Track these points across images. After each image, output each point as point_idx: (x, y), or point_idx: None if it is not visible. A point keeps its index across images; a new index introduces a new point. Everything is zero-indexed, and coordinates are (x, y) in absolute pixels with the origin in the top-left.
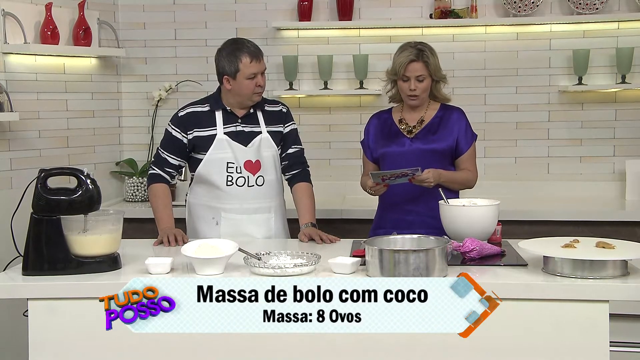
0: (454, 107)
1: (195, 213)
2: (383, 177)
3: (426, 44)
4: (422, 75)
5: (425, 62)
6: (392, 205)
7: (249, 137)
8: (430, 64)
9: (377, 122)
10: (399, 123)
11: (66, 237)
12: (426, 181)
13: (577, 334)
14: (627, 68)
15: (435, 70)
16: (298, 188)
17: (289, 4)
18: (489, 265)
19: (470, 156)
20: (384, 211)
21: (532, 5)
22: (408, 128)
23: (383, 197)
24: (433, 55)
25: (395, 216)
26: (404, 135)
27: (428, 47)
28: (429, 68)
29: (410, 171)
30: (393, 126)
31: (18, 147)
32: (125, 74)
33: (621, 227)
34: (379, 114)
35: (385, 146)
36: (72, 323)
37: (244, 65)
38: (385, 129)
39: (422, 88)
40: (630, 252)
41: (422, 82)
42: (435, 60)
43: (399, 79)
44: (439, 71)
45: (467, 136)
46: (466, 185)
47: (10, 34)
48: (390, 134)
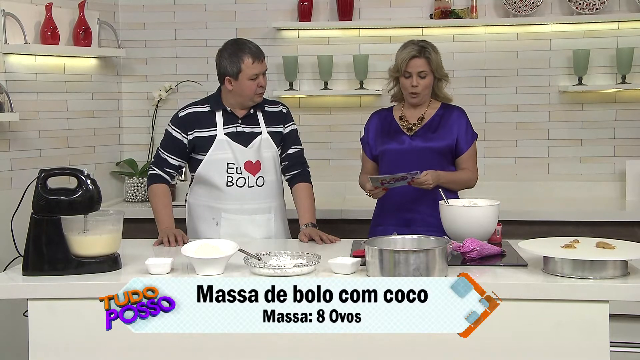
0: (454, 106)
1: (195, 213)
2: (382, 181)
3: (429, 42)
4: (424, 71)
5: (428, 58)
6: (391, 205)
7: (249, 137)
8: (432, 61)
9: (377, 119)
10: (400, 120)
11: (66, 237)
12: (425, 183)
13: (577, 334)
14: (627, 68)
15: (437, 67)
16: (298, 188)
17: (289, 4)
18: (489, 266)
19: (471, 156)
20: (381, 210)
21: (532, 6)
22: (408, 125)
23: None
24: (435, 52)
25: (393, 215)
26: (404, 132)
27: (431, 44)
28: (431, 64)
29: (410, 175)
30: (393, 123)
31: (18, 148)
32: (126, 74)
33: (621, 227)
34: (379, 112)
35: (385, 144)
36: (72, 323)
37: (246, 66)
38: (385, 127)
39: (424, 85)
40: (631, 252)
41: (424, 79)
42: (437, 57)
43: (401, 76)
44: (441, 69)
45: (468, 135)
46: (466, 185)
47: (10, 34)
48: (391, 131)
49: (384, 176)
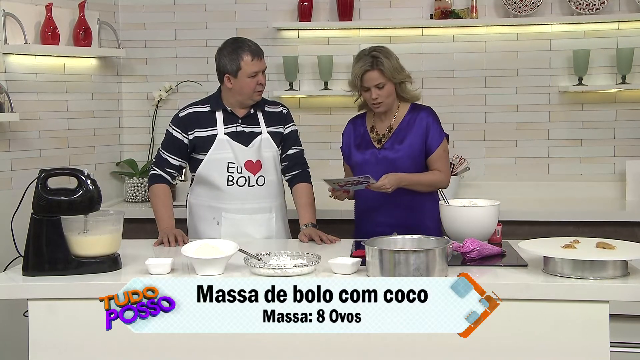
0: (422, 107)
1: (196, 213)
2: (339, 183)
3: (382, 48)
4: (380, 82)
5: (380, 69)
6: (364, 211)
7: (249, 137)
8: (387, 70)
9: (351, 129)
10: (370, 131)
11: (66, 237)
12: (382, 188)
13: (577, 335)
14: (628, 68)
15: (392, 74)
16: (298, 189)
17: (289, 5)
18: (489, 266)
19: (440, 156)
20: (358, 218)
21: (532, 6)
22: (378, 137)
23: (356, 205)
24: (389, 58)
25: (368, 223)
26: (374, 145)
27: (384, 51)
28: (385, 74)
29: (363, 179)
30: (365, 134)
31: (18, 148)
32: (126, 75)
33: (621, 227)
34: (354, 120)
35: (355, 156)
36: (72, 323)
37: (245, 64)
38: (357, 138)
39: (384, 95)
40: (631, 252)
41: (383, 89)
42: (391, 63)
43: (360, 90)
44: (398, 73)
45: (435, 135)
46: (435, 187)
47: (10, 35)
48: (362, 143)
49: (339, 179)
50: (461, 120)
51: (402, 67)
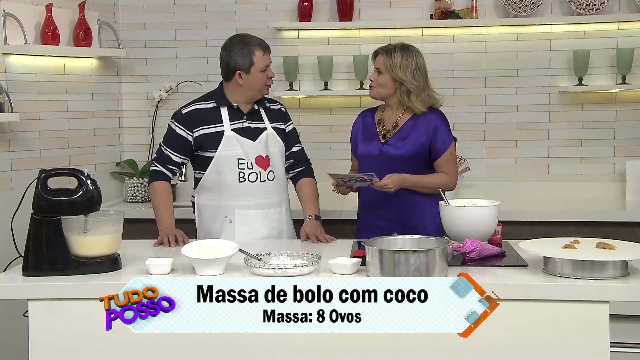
0: (433, 109)
1: (205, 215)
2: (343, 178)
3: (409, 46)
4: (380, 68)
5: (387, 57)
6: (367, 205)
7: (255, 133)
8: (390, 60)
9: (361, 121)
10: (378, 125)
11: (66, 237)
12: (385, 187)
13: (577, 335)
14: (628, 69)
15: (393, 67)
16: (303, 182)
17: (289, 5)
18: (489, 266)
19: (448, 160)
20: (360, 210)
21: (532, 6)
22: (384, 132)
23: (360, 198)
24: (404, 56)
25: (369, 220)
26: (379, 139)
27: (406, 48)
28: (387, 64)
29: (367, 177)
30: (373, 127)
31: (18, 148)
32: (126, 75)
33: (621, 227)
34: (364, 113)
35: (361, 149)
36: (72, 323)
37: (257, 58)
38: (366, 130)
39: (379, 82)
40: (631, 252)
41: (380, 76)
42: (401, 60)
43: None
44: (400, 71)
45: (443, 138)
46: (439, 189)
47: (10, 35)
48: (369, 136)
49: (343, 175)
50: (461, 120)
51: (415, 73)
